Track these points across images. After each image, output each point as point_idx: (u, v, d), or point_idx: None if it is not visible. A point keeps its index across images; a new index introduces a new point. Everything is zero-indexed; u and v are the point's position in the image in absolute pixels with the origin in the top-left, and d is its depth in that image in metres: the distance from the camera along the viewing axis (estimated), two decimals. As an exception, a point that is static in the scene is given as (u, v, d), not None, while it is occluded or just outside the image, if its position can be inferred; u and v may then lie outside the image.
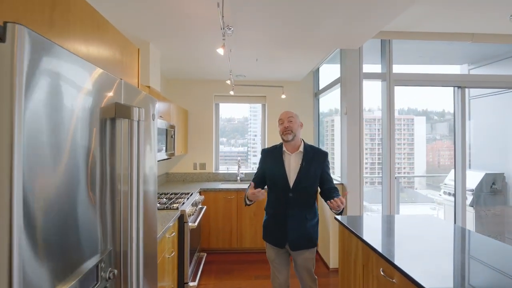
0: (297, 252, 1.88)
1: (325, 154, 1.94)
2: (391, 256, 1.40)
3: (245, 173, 4.27)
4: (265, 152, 2.02)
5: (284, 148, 1.92)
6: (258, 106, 4.66)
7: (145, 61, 2.67)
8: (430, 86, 3.21)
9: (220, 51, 1.89)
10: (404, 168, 4.99)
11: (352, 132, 2.99)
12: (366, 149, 4.41)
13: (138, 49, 1.56)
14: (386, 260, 1.39)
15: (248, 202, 1.88)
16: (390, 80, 3.07)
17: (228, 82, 2.79)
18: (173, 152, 3.12)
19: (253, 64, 3.41)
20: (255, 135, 4.57)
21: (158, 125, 2.59)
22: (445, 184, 4.55)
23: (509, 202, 3.88)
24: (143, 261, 1.01)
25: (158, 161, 2.66)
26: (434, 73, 3.19)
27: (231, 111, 4.74)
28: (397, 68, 3.11)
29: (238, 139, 4.71)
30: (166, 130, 2.89)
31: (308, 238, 1.86)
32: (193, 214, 2.50)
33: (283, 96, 3.73)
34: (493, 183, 3.96)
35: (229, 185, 4.06)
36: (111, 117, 0.91)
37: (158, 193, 3.12)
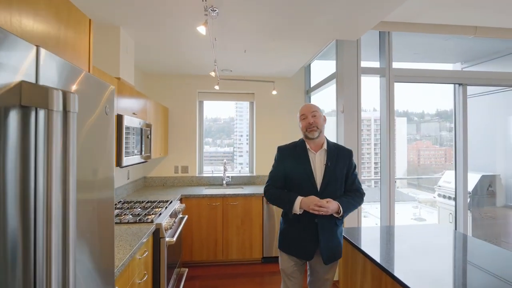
0: (316, 262, 1.67)
1: (350, 152, 1.74)
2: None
3: (232, 177, 3.94)
4: (284, 150, 1.75)
5: (307, 146, 1.69)
6: (244, 106, 4.35)
7: (114, 49, 2.29)
8: (430, 83, 3.00)
9: (202, 29, 1.54)
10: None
11: (349, 132, 2.73)
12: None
13: (90, 21, 1.19)
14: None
15: (298, 212, 1.58)
16: (390, 76, 2.83)
17: (212, 74, 2.46)
18: (149, 154, 2.75)
19: (241, 57, 3.09)
20: (241, 135, 4.27)
21: (130, 124, 2.22)
22: (439, 186, 4.39)
23: (505, 204, 3.76)
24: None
25: (131, 165, 2.28)
26: (435, 69, 2.97)
27: (217, 111, 4.41)
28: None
29: (224, 139, 4.39)
30: (141, 129, 2.51)
31: (339, 247, 1.68)
32: (170, 228, 2.14)
33: (274, 92, 3.42)
34: (490, 185, 3.83)
35: (214, 190, 3.71)
36: (16, 105, 0.56)
37: (131, 202, 2.73)
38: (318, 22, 2.26)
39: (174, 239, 2.16)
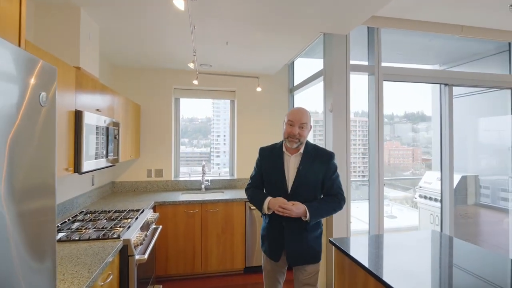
0: (297, 267, 1.69)
1: (330, 156, 1.69)
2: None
3: (211, 180, 3.65)
4: (264, 152, 1.80)
5: (284, 149, 1.71)
6: (222, 106, 4.10)
7: (73, 34, 1.94)
8: (417, 82, 2.93)
9: (179, 3, 1.26)
10: (359, 167, 5.07)
11: (338, 132, 2.57)
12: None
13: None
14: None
15: (267, 212, 1.63)
16: (379, 74, 2.71)
17: (191, 65, 2.17)
18: (117, 157, 2.40)
19: (222, 50, 2.83)
20: (218, 136, 4.05)
21: (92, 122, 1.88)
22: (420, 187, 4.41)
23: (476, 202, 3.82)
24: None
25: (93, 170, 1.94)
26: (424, 68, 2.91)
27: (193, 111, 4.12)
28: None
29: (201, 139, 4.12)
30: (107, 128, 2.18)
31: (309, 252, 1.65)
32: (141, 243, 1.84)
33: (259, 89, 3.19)
34: (474, 186, 3.87)
35: (192, 195, 3.41)
36: None
37: (96, 212, 2.37)
38: (306, 13, 2.07)
39: (146, 256, 1.86)
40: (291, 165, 1.67)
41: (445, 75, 2.94)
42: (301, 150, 1.67)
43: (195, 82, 2.82)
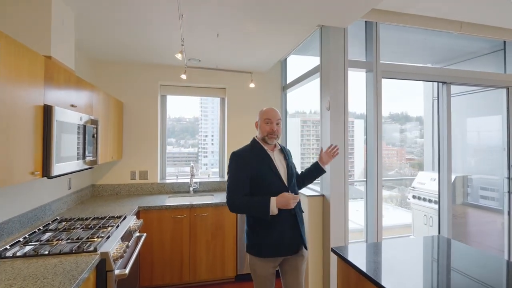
0: (294, 258, 1.71)
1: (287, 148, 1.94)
2: None
3: (200, 183, 3.45)
4: (244, 155, 1.72)
5: (265, 147, 1.75)
6: (210, 106, 3.91)
7: (43, 19, 1.70)
8: (416, 80, 2.83)
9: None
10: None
11: (336, 131, 2.43)
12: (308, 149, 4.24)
13: None
14: None
15: (276, 212, 1.59)
16: (378, 71, 2.59)
17: (179, 56, 1.96)
18: (95, 158, 2.17)
19: (212, 42, 2.64)
20: (206, 135, 3.89)
21: (65, 119, 1.66)
22: (414, 187, 4.35)
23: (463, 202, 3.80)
24: None
25: (66, 174, 1.72)
26: (423, 66, 2.82)
27: (180, 111, 3.92)
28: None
29: (188, 139, 3.94)
30: (84, 127, 1.95)
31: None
32: (122, 256, 1.63)
33: (252, 85, 3.00)
34: (462, 186, 3.83)
35: (179, 199, 3.19)
36: None
37: (71, 220, 2.14)
38: (303, 2, 1.92)
39: (127, 270, 1.65)
40: (278, 161, 1.73)
41: (445, 73, 2.85)
42: (279, 146, 1.81)
43: (183, 76, 2.61)
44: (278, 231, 1.63)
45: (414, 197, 4.25)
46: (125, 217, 2.22)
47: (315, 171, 1.89)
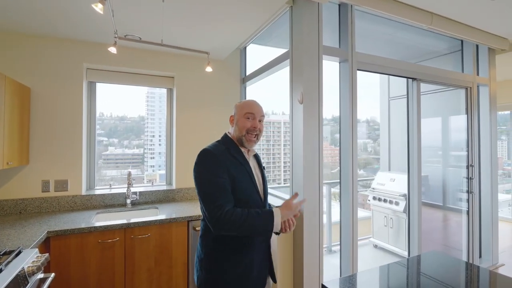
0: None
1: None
2: None
3: (140, 193, 2.77)
4: (221, 153, 1.28)
5: (242, 150, 1.38)
6: (157, 104, 3.28)
7: None
8: (388, 74, 2.62)
9: None
10: (286, 167, 5.09)
11: (310, 128, 2.05)
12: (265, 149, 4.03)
13: None
14: None
15: (277, 231, 1.25)
16: (353, 62, 2.29)
17: (99, 8, 1.29)
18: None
19: (156, 12, 2.03)
20: (153, 136, 3.31)
21: None
22: (373, 188, 4.27)
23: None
24: None
25: None
26: (399, 60, 2.62)
27: (124, 110, 3.23)
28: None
29: (133, 139, 3.29)
30: None
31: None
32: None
33: (209, 69, 2.42)
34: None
35: (111, 216, 2.49)
36: None
37: None
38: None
39: None
40: (253, 168, 1.39)
41: (417, 70, 2.69)
42: (253, 150, 1.44)
43: (113, 50, 1.89)
44: (249, 259, 1.29)
45: (374, 198, 4.17)
46: (19, 252, 1.50)
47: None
